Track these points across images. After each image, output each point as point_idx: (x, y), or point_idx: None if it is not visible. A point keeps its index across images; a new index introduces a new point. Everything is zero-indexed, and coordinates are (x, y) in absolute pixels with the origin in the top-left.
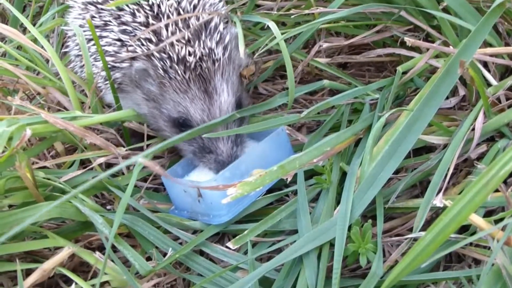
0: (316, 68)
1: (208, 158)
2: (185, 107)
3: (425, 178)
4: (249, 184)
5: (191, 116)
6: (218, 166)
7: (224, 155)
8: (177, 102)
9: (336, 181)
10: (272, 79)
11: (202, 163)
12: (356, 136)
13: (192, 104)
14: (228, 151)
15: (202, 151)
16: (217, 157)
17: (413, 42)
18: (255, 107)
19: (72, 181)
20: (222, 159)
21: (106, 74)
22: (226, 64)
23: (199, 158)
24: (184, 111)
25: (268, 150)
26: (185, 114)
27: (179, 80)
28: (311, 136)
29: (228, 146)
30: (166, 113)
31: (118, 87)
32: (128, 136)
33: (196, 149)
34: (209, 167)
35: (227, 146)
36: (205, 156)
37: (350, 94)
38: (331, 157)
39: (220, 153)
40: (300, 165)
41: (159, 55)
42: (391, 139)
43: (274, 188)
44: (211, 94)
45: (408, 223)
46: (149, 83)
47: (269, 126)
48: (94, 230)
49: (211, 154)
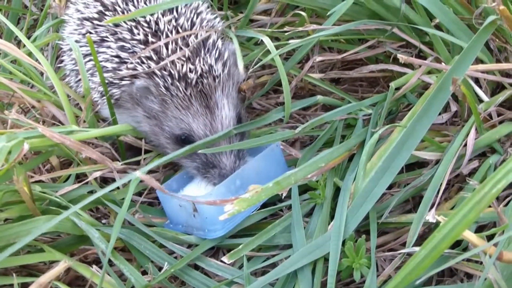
0: (310, 83)
1: (212, 173)
2: (187, 123)
3: (418, 194)
4: (245, 201)
5: (193, 132)
6: (222, 180)
7: (227, 169)
8: (179, 119)
9: (330, 196)
10: (266, 93)
11: (206, 179)
12: (349, 152)
13: (194, 120)
14: (231, 165)
15: (206, 167)
16: (220, 171)
17: (405, 59)
18: (253, 122)
19: (68, 195)
20: (226, 172)
21: (103, 89)
22: (226, 79)
23: (203, 174)
24: (186, 128)
25: (262, 165)
26: (187, 130)
27: (181, 97)
28: (305, 151)
29: (231, 160)
30: (168, 130)
31: (115, 103)
32: (123, 150)
33: (200, 164)
34: (213, 182)
35: (230, 160)
36: (208, 171)
37: (343, 110)
38: (325, 173)
39: (224, 166)
40: (296, 181)
41: (160, 72)
42: (385, 155)
43: (268, 203)
44: (212, 110)
45: (401, 238)
46: (150, 101)
47: (266, 142)
48: (90, 244)
49: (214, 169)
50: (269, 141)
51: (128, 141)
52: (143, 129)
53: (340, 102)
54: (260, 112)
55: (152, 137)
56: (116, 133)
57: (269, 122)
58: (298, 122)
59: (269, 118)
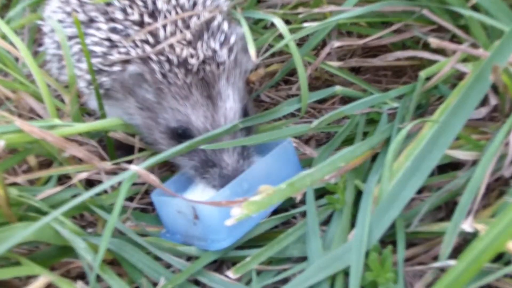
0: (326, 73)
1: (211, 173)
2: (185, 115)
3: (452, 199)
4: (255, 204)
5: (192, 124)
6: (223, 181)
7: (229, 169)
8: (177, 109)
9: (350, 201)
10: (275, 84)
11: (204, 180)
12: (373, 151)
13: (193, 112)
14: (234, 164)
15: (205, 165)
16: (221, 171)
17: (438, 44)
18: (261, 116)
19: (49, 199)
20: (227, 173)
21: (91, 77)
22: (231, 67)
23: (201, 174)
24: (184, 120)
25: (273, 166)
26: (185, 123)
27: (180, 85)
28: (321, 150)
29: (234, 159)
30: (163, 124)
31: (104, 93)
32: (112, 149)
33: (198, 163)
34: (213, 184)
35: (233, 159)
36: (207, 171)
37: (365, 102)
38: (344, 174)
39: (225, 166)
40: (312, 182)
41: (156, 58)
42: (413, 154)
43: (280, 209)
44: (215, 100)
45: (432, 250)
46: (144, 90)
47: (276, 137)
48: (74, 256)
49: (214, 168)
50: (279, 136)
51: (119, 137)
52: (135, 122)
53: (361, 94)
54: (269, 105)
55: (145, 131)
56: (105, 128)
57: (279, 116)
58: (313, 117)
59: (280, 112)
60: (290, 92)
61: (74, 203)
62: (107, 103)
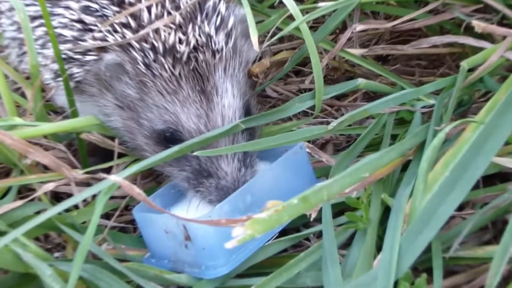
0: (347, 62)
1: (206, 185)
2: (174, 114)
3: (501, 217)
4: (261, 222)
5: (182, 125)
6: (221, 195)
7: (228, 179)
8: (163, 107)
9: (376, 219)
10: (284, 76)
11: (199, 194)
12: (403, 158)
13: (184, 110)
14: (234, 174)
15: (198, 176)
16: (219, 182)
17: (483, 27)
18: (267, 115)
19: (8, 216)
20: (226, 184)
21: (59, 67)
22: (230, 56)
23: (194, 186)
24: (172, 120)
25: (282, 176)
26: (174, 123)
27: (167, 77)
28: (341, 157)
29: (233, 167)
30: (147, 125)
31: (76, 86)
32: (84, 154)
33: (190, 173)
34: (209, 198)
35: (233, 168)
36: (202, 183)
37: (394, 99)
38: (369, 186)
39: (223, 176)
40: (329, 196)
41: (139, 45)
42: (453, 162)
43: (290, 229)
44: (210, 96)
45: (476, 279)
46: (124, 83)
47: (285, 142)
48: (38, 285)
49: (210, 179)
50: (290, 141)
51: (93, 140)
52: (114, 125)
53: (389, 89)
54: (277, 102)
55: (126, 135)
56: (76, 129)
57: (289, 114)
58: (331, 116)
59: (290, 110)
60: (303, 86)
61: (38, 221)
62: (79, 99)
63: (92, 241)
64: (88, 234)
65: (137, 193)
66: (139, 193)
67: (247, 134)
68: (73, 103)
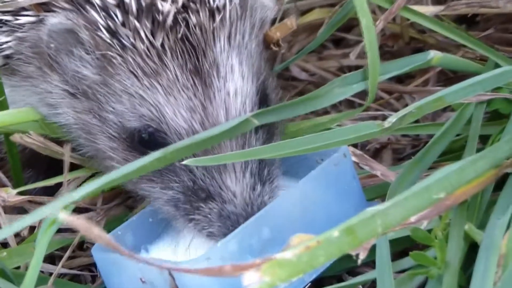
0: (412, 27)
1: (204, 211)
2: (155, 105)
3: None
4: (286, 265)
5: (167, 123)
6: (226, 226)
7: (237, 202)
8: (139, 96)
9: (457, 262)
10: (319, 47)
11: (193, 225)
12: (497, 170)
13: (169, 99)
14: (245, 194)
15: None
16: (223, 207)
17: None
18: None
19: None
20: (234, 210)
21: None
22: (236, 17)
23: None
24: (153, 115)
25: (315, 197)
26: (155, 120)
27: (143, 50)
28: (404, 169)
29: (245, 184)
30: (114, 121)
31: (4, 64)
32: (18, 166)
33: (180, 193)
34: (208, 231)
35: (243, 184)
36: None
37: (484, 81)
38: (446, 213)
39: (229, 198)
40: (386, 227)
41: (100, 1)
42: None
43: (328, 277)
44: (207, 78)
45: None
46: (77, 60)
47: (321, 146)
48: None
49: (210, 202)
50: (328, 144)
51: (31, 144)
52: (63, 120)
53: (477, 66)
54: (307, 86)
55: (81, 136)
56: (5, 127)
57: (326, 105)
58: (388, 108)
59: (326, 98)
60: (346, 63)
61: None
62: (9, 83)
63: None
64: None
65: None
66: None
67: (263, 134)
68: (1, 91)
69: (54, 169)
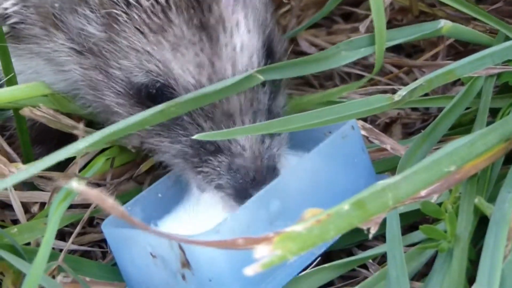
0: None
1: (213, 164)
2: (162, 61)
3: None
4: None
5: (174, 79)
6: (236, 179)
7: (246, 155)
8: (145, 52)
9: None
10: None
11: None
12: (507, 144)
13: (176, 55)
14: (254, 146)
15: (201, 151)
16: (232, 161)
17: None
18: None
19: None
20: (243, 163)
21: None
22: None
23: (195, 166)
24: (159, 70)
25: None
26: (162, 74)
27: (148, 7)
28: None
29: (254, 137)
30: (121, 77)
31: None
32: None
33: (188, 147)
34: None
35: (253, 138)
36: (206, 160)
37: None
38: (456, 187)
39: (239, 152)
40: (396, 201)
41: None
42: None
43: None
44: (214, 33)
45: None
46: (82, 18)
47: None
48: None
49: (218, 155)
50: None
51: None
52: (70, 79)
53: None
54: None
55: (89, 93)
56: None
57: (331, 67)
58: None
59: (332, 59)
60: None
61: None
62: (15, 52)
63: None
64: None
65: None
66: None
67: (270, 90)
68: (9, 60)
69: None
